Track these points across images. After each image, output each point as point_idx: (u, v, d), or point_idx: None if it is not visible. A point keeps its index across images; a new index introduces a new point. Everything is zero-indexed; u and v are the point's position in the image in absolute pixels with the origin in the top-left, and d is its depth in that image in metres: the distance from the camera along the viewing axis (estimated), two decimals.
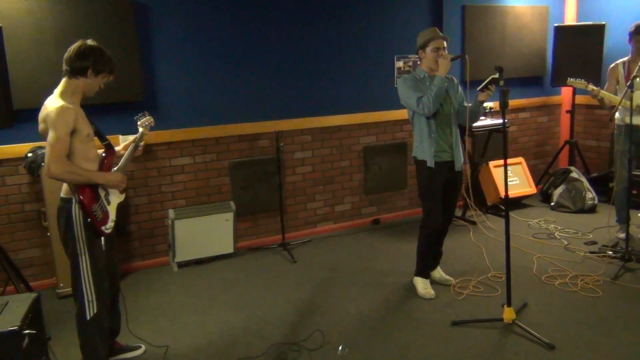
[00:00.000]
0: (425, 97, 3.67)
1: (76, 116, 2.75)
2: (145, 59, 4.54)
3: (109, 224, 2.94)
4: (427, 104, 3.66)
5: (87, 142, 2.84)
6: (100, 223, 2.86)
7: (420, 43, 3.81)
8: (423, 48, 3.80)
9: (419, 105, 3.69)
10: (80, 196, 2.77)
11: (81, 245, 2.83)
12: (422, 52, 3.82)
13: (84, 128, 2.80)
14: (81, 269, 2.84)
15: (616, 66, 4.83)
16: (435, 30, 3.81)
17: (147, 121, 3.33)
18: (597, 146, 6.69)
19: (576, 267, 4.39)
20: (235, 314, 3.85)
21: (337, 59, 5.35)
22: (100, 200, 2.89)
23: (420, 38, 3.83)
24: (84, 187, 2.79)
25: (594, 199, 5.86)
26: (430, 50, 3.76)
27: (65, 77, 2.82)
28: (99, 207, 2.87)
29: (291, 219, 5.40)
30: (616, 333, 3.37)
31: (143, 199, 4.73)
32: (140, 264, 4.79)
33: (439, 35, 3.77)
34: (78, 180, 2.77)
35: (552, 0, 6.49)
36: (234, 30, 4.85)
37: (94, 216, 2.82)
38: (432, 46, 3.75)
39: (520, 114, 6.60)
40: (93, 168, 2.89)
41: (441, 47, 3.75)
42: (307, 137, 5.35)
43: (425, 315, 3.72)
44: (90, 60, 2.79)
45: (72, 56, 2.78)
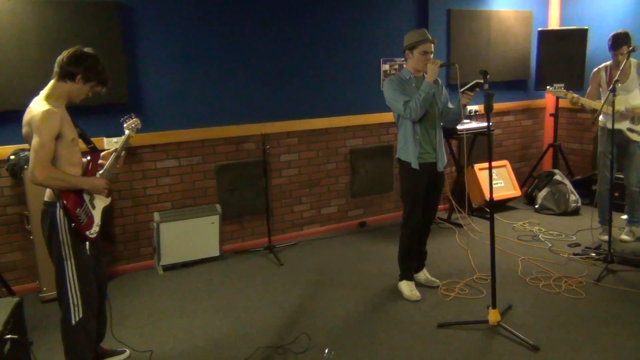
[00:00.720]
0: (413, 102, 3.68)
1: (61, 120, 2.72)
2: (130, 61, 4.50)
3: (93, 228, 2.91)
4: (414, 109, 3.67)
5: (71, 147, 2.81)
6: (84, 227, 2.84)
7: (408, 44, 3.80)
8: (411, 49, 3.80)
9: (406, 110, 3.70)
10: (64, 200, 2.74)
11: (66, 250, 2.80)
12: (409, 53, 3.82)
13: (68, 132, 2.78)
14: (66, 273, 2.81)
15: (599, 70, 4.90)
16: (425, 32, 3.80)
17: (134, 123, 3.29)
18: (581, 149, 6.76)
19: (560, 268, 4.43)
20: (220, 318, 3.83)
21: (324, 61, 5.36)
22: (85, 205, 2.87)
23: (408, 38, 3.81)
24: (67, 191, 2.77)
25: (578, 201, 5.92)
26: (418, 53, 3.76)
27: (54, 80, 2.79)
28: (83, 212, 2.84)
29: (277, 222, 5.39)
30: (599, 334, 3.41)
31: (128, 202, 4.70)
32: (125, 268, 4.75)
33: (428, 38, 3.77)
34: (62, 186, 2.74)
35: (536, 5, 6.56)
36: (219, 32, 4.84)
37: (78, 220, 2.79)
38: (420, 49, 3.75)
39: (505, 118, 6.65)
40: (77, 172, 2.87)
41: (429, 51, 3.76)
42: (293, 140, 5.35)
43: (411, 317, 3.73)
44: (82, 67, 2.77)
45: (64, 59, 2.76)
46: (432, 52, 3.78)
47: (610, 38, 4.65)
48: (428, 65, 3.71)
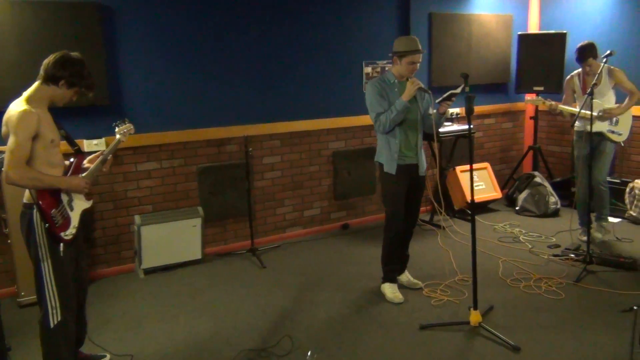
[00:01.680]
0: (384, 117, 3.73)
1: (39, 121, 2.68)
2: (110, 63, 4.46)
3: (69, 230, 2.85)
4: (383, 123, 3.73)
5: (50, 148, 2.77)
6: (59, 229, 2.79)
7: (397, 50, 3.80)
8: (399, 57, 3.80)
9: (377, 123, 3.77)
10: (40, 201, 2.71)
11: (43, 251, 2.77)
12: (397, 60, 3.81)
13: (48, 133, 2.74)
14: (44, 275, 2.78)
15: (572, 78, 5.02)
16: (416, 42, 3.78)
17: (126, 129, 3.24)
18: (560, 152, 6.86)
19: (540, 270, 4.48)
20: (202, 321, 3.80)
21: (306, 64, 5.36)
22: (62, 206, 2.82)
23: (398, 45, 3.80)
24: (44, 191, 2.73)
25: (557, 203, 6.00)
26: (406, 62, 3.76)
27: (38, 82, 2.77)
28: (59, 213, 2.79)
29: (260, 224, 5.37)
30: (579, 334, 3.45)
31: (108, 205, 4.64)
32: (105, 271, 4.69)
33: (418, 49, 3.76)
34: (38, 186, 2.71)
35: (516, 9, 6.64)
36: (201, 34, 4.82)
37: (52, 221, 2.75)
38: (409, 59, 3.74)
39: (486, 120, 6.72)
40: (57, 173, 2.83)
41: (417, 61, 3.78)
42: (276, 142, 5.34)
43: (394, 319, 3.74)
44: (67, 72, 2.75)
45: (50, 63, 2.74)
46: (419, 62, 3.80)
47: (575, 51, 4.81)
48: (408, 84, 3.73)
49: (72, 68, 2.76)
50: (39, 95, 2.76)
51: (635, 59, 5.55)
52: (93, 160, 3.06)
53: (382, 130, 3.77)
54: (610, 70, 4.78)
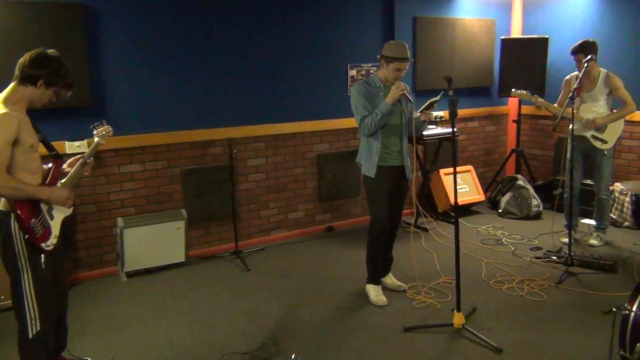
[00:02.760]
0: (369, 119, 3.74)
1: (19, 125, 2.57)
2: (93, 64, 4.42)
3: (50, 240, 2.75)
4: (368, 126, 3.74)
5: (30, 153, 2.67)
6: (39, 239, 2.68)
7: (385, 55, 3.80)
8: (387, 61, 3.80)
9: (362, 125, 3.78)
10: (18, 210, 2.59)
11: (22, 262, 2.67)
12: (384, 63, 3.82)
13: (27, 138, 2.63)
14: (23, 286, 2.69)
15: (571, 78, 5.00)
16: (405, 50, 3.79)
17: (105, 131, 3.11)
18: (542, 155, 6.94)
19: (522, 272, 4.52)
20: (186, 324, 3.77)
21: (291, 66, 5.36)
22: (41, 215, 2.71)
23: (387, 49, 3.80)
24: (22, 201, 2.62)
25: (539, 205, 6.06)
26: (393, 68, 3.78)
27: (14, 83, 2.65)
28: (39, 223, 2.69)
29: (244, 227, 5.35)
30: (560, 335, 3.49)
31: (90, 207, 4.60)
32: (87, 275, 4.64)
33: (406, 57, 3.78)
34: (18, 195, 2.60)
35: (499, 14, 6.71)
36: (185, 36, 4.80)
37: (32, 232, 2.64)
38: (396, 65, 3.76)
39: (469, 123, 6.77)
40: (36, 180, 2.72)
41: (403, 69, 3.80)
42: (260, 145, 5.33)
43: (378, 321, 3.75)
44: (44, 71, 2.63)
45: (26, 62, 2.63)
46: (405, 70, 3.82)
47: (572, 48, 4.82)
48: (393, 88, 3.74)
49: (49, 66, 2.65)
50: (16, 97, 2.64)
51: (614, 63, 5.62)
52: (73, 164, 2.95)
53: (367, 132, 3.79)
54: (607, 76, 4.75)
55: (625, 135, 5.88)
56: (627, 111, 4.77)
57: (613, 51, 5.77)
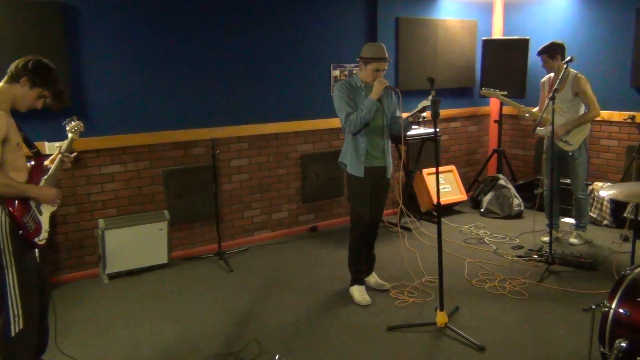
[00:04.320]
0: (354, 116, 3.74)
1: (8, 124, 2.65)
2: (73, 63, 4.37)
3: (42, 234, 2.82)
4: (354, 122, 3.74)
5: (16, 151, 2.73)
6: (33, 234, 2.75)
7: (363, 56, 3.84)
8: (365, 62, 3.83)
9: (347, 122, 3.77)
10: (10, 208, 2.64)
11: (7, 258, 2.68)
12: (363, 65, 3.85)
13: (14, 137, 2.71)
14: (7, 282, 2.69)
15: (545, 81, 5.11)
16: (383, 50, 3.82)
17: (77, 126, 3.18)
18: (523, 155, 7.01)
19: (504, 270, 4.57)
20: (168, 326, 3.75)
21: (274, 66, 5.35)
22: (32, 211, 2.77)
23: (365, 51, 3.84)
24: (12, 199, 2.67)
25: (521, 205, 6.13)
26: (371, 69, 3.80)
27: (2, 83, 2.73)
28: (31, 218, 2.74)
29: (227, 228, 5.33)
30: (542, 333, 3.53)
31: (71, 209, 4.54)
32: (68, 277, 4.58)
33: (384, 58, 3.81)
34: (10, 193, 2.65)
35: (480, 15, 6.77)
36: (168, 35, 4.76)
37: (26, 228, 2.70)
38: (374, 66, 3.79)
39: (452, 124, 6.82)
40: (22, 178, 2.78)
41: (382, 69, 3.82)
42: (243, 145, 5.31)
43: (362, 321, 3.76)
44: (29, 69, 2.71)
45: (18, 62, 2.72)
46: (384, 70, 3.84)
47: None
48: (375, 83, 3.76)
49: (37, 67, 2.73)
50: (2, 97, 2.71)
51: (593, 65, 5.72)
52: (53, 161, 3.01)
53: (353, 129, 3.78)
54: (575, 77, 4.79)
55: (604, 135, 5.98)
56: (590, 117, 4.83)
57: (591, 52, 5.85)
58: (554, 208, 4.94)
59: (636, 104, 5.62)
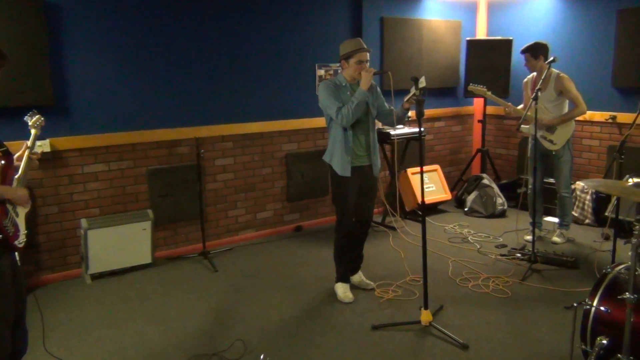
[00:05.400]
0: (345, 109, 3.72)
1: None
2: (55, 61, 4.31)
3: (21, 237, 2.74)
4: (346, 115, 3.72)
5: None
6: (12, 238, 2.66)
7: (343, 53, 3.84)
8: (346, 59, 3.84)
9: (339, 116, 3.74)
10: None
11: None
12: (345, 62, 3.86)
13: None
14: None
15: (528, 81, 5.16)
16: (360, 42, 3.85)
17: (38, 120, 3.08)
18: (507, 154, 7.07)
19: (488, 269, 4.60)
20: (152, 327, 3.72)
21: (259, 65, 5.34)
22: (10, 214, 2.68)
23: (343, 48, 3.85)
24: None
25: (504, 204, 6.18)
26: (354, 62, 3.81)
27: None
28: (10, 222, 2.65)
29: (212, 227, 5.30)
30: (525, 331, 3.57)
31: (53, 208, 4.49)
32: (50, 277, 4.53)
33: (364, 48, 3.82)
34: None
35: (464, 16, 6.81)
36: (152, 33, 4.72)
37: (6, 232, 2.61)
38: (356, 58, 3.79)
39: (436, 123, 6.86)
40: None
41: (364, 60, 3.82)
42: (228, 144, 5.29)
43: (347, 320, 3.77)
44: None
45: None
46: (367, 61, 3.84)
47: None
48: (362, 73, 3.76)
49: None
50: None
51: (575, 65, 5.78)
52: (20, 158, 2.90)
53: (345, 123, 3.74)
54: (558, 77, 4.84)
55: (585, 135, 6.06)
56: (577, 113, 4.89)
57: (573, 53, 5.92)
58: (537, 207, 5.00)
59: (617, 104, 5.70)
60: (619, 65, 5.59)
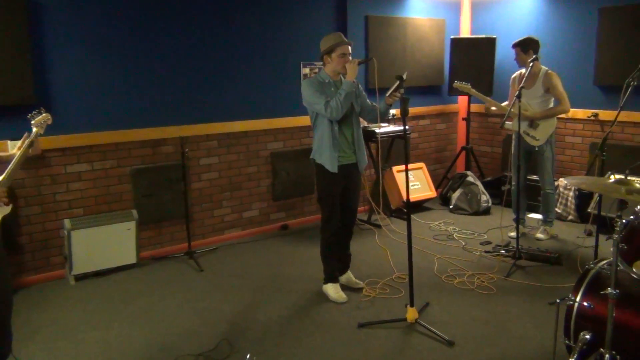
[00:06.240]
0: (334, 102, 3.70)
1: None
2: (37, 59, 4.26)
3: None
4: (335, 108, 3.69)
5: None
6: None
7: (325, 48, 3.83)
8: (329, 53, 3.83)
9: (327, 110, 3.70)
10: None
11: None
12: (328, 57, 3.85)
13: None
14: None
15: (516, 76, 5.17)
16: (340, 35, 3.85)
17: (44, 119, 3.04)
18: (491, 152, 7.13)
19: (473, 266, 4.64)
20: (138, 328, 3.69)
21: (244, 64, 5.31)
22: None
23: (325, 43, 3.84)
24: None
25: (488, 201, 6.23)
26: (337, 56, 3.80)
27: None
28: None
29: (197, 227, 5.27)
30: (509, 327, 3.60)
31: (35, 209, 4.43)
32: (33, 279, 4.47)
33: (345, 40, 3.82)
34: None
35: (448, 14, 6.85)
36: (136, 31, 4.68)
37: None
38: (338, 52, 3.79)
39: (421, 121, 6.89)
40: None
41: (347, 52, 3.82)
42: (213, 143, 5.26)
43: (333, 318, 3.77)
44: None
45: None
46: (349, 54, 3.84)
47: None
48: (347, 65, 3.76)
49: None
50: None
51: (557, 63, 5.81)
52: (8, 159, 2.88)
53: (335, 115, 3.71)
54: (546, 74, 4.89)
55: (568, 132, 6.12)
56: (560, 110, 4.94)
57: (556, 51, 5.97)
58: (520, 204, 5.05)
59: (599, 102, 5.77)
60: (601, 63, 5.65)
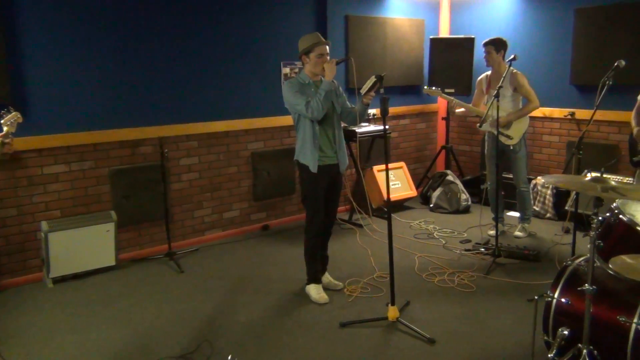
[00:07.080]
0: (314, 102, 3.71)
1: None
2: (12, 56, 4.18)
3: None
4: (315, 108, 3.70)
5: None
6: None
7: (303, 48, 3.83)
8: (307, 54, 3.83)
9: (308, 110, 3.71)
10: None
11: None
12: (306, 58, 3.85)
13: None
14: None
15: (482, 79, 5.26)
16: (318, 35, 3.86)
17: (13, 117, 2.98)
18: (470, 151, 7.19)
19: (453, 264, 4.67)
20: (117, 330, 3.65)
21: (223, 64, 5.28)
22: None
23: (303, 43, 3.84)
24: None
25: (468, 200, 6.29)
26: (315, 56, 3.80)
27: None
28: None
29: (177, 228, 5.23)
30: (489, 324, 3.64)
31: (11, 211, 4.35)
32: (10, 282, 4.40)
33: (323, 40, 3.82)
34: None
35: (427, 14, 6.89)
36: (115, 29, 4.62)
37: None
38: (316, 52, 3.79)
39: (401, 121, 6.92)
40: None
41: (325, 53, 3.82)
42: (193, 143, 5.23)
43: (315, 318, 3.77)
44: None
45: None
46: (327, 54, 3.84)
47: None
48: (325, 65, 3.77)
49: None
50: None
51: (534, 63, 5.92)
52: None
53: (316, 114, 3.72)
54: (512, 73, 4.94)
55: (545, 131, 6.21)
56: (530, 108, 5.02)
57: (533, 51, 6.05)
58: (498, 202, 5.10)
59: (575, 101, 5.86)
60: (577, 62, 5.74)
